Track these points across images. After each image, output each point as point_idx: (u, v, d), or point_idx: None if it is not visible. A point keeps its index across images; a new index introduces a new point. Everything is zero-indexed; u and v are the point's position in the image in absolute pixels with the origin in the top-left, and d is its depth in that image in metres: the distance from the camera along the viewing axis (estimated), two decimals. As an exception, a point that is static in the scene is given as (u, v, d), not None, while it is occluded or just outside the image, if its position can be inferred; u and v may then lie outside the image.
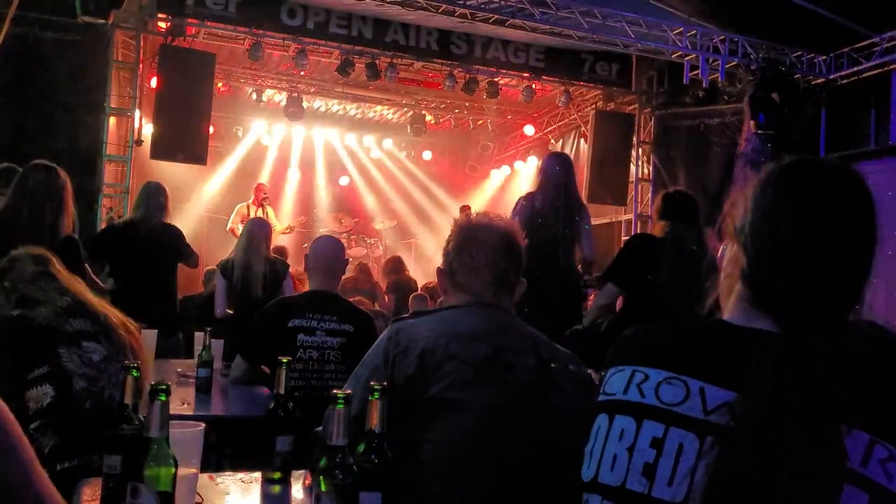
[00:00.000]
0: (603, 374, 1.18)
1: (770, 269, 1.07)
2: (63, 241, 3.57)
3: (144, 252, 4.64)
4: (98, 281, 4.99)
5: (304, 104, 10.06)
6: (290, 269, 5.03)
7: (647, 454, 1.02)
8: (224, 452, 2.63)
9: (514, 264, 1.90)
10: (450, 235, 1.96)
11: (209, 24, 7.64)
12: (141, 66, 7.62)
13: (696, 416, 1.00)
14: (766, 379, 0.96)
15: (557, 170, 4.61)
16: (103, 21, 6.14)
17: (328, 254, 3.35)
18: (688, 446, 0.99)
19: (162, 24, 7.65)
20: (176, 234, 4.89)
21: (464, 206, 9.69)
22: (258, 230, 4.90)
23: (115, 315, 2.15)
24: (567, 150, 10.57)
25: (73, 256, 3.65)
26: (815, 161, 1.13)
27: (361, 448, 1.31)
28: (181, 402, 2.84)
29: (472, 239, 1.90)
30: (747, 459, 0.93)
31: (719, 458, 0.96)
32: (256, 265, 4.66)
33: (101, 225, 6.63)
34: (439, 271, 1.96)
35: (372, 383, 1.34)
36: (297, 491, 1.79)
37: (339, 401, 1.28)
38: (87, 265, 4.62)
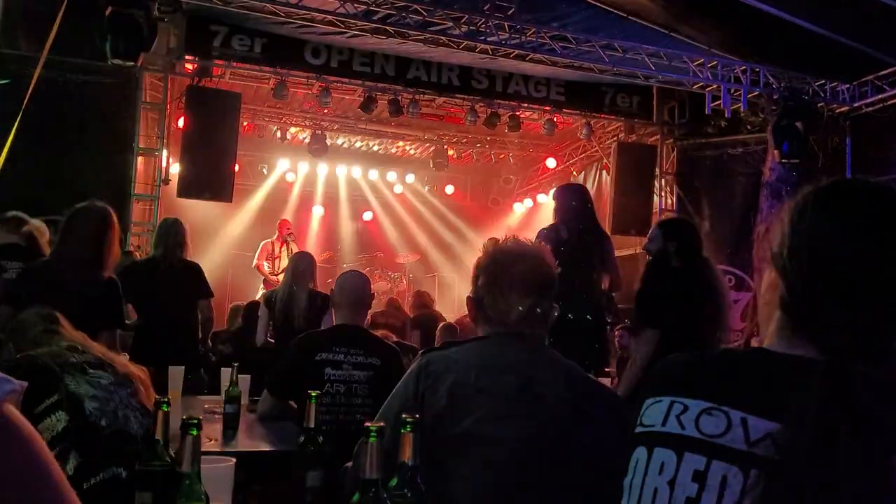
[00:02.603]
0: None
1: (811, 295, 1.04)
2: (105, 283, 3.58)
3: (165, 289, 4.63)
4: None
5: (328, 141, 10.18)
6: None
7: (688, 488, 0.99)
8: (251, 489, 2.60)
9: (546, 291, 1.86)
10: (479, 263, 1.92)
11: (235, 64, 7.80)
12: (168, 106, 7.77)
13: (739, 448, 0.97)
14: (811, 409, 0.93)
15: (578, 201, 4.60)
16: (132, 64, 6.26)
17: (355, 288, 3.35)
18: (731, 479, 0.96)
19: (189, 66, 7.83)
20: (196, 270, 4.87)
21: (491, 239, 9.66)
22: (303, 263, 4.94)
23: (119, 360, 2.16)
24: (589, 182, 10.57)
25: (116, 297, 3.67)
26: (854, 182, 1.11)
27: (394, 482, 1.28)
28: (207, 438, 2.82)
29: (504, 271, 1.86)
30: (797, 493, 0.90)
31: (766, 491, 0.92)
32: (299, 297, 4.69)
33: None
34: (469, 300, 1.93)
35: (404, 416, 1.32)
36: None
37: (372, 434, 1.26)
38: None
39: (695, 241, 3.77)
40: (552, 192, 11.41)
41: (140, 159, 7.42)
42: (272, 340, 4.81)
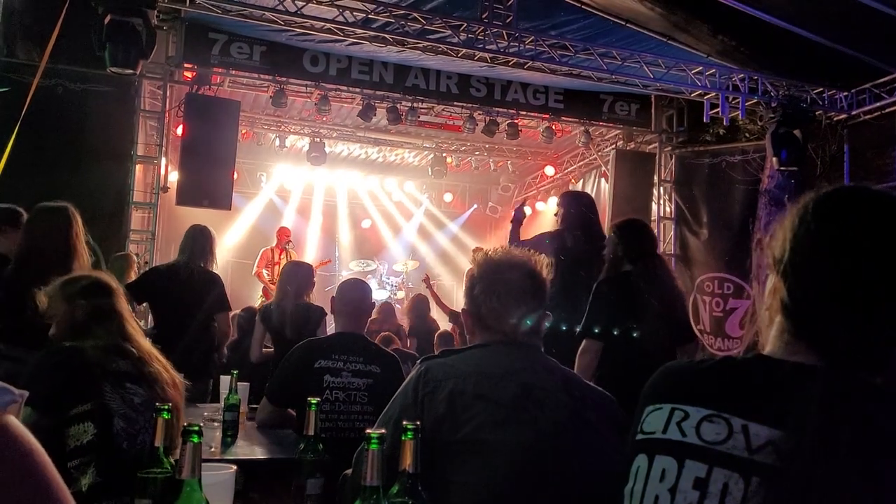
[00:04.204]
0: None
1: (811, 301, 1.04)
2: None
3: (182, 297, 4.60)
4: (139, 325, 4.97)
5: (327, 149, 10.18)
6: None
7: (690, 495, 0.99)
8: (250, 496, 2.59)
9: (540, 300, 1.89)
10: (473, 273, 1.94)
11: (234, 72, 7.81)
12: (167, 114, 7.77)
13: (741, 455, 0.97)
14: (812, 415, 0.93)
15: (582, 208, 4.58)
16: (131, 72, 6.27)
17: (354, 296, 3.35)
18: (732, 487, 0.96)
19: (188, 74, 7.84)
20: (216, 282, 4.80)
21: (476, 249, 9.67)
22: (293, 272, 4.93)
23: (167, 371, 2.15)
24: (588, 190, 10.57)
25: None
26: (855, 188, 1.11)
27: (395, 489, 1.28)
28: (207, 445, 2.82)
29: (498, 279, 1.88)
30: (798, 500, 0.89)
31: (768, 499, 0.92)
32: (289, 307, 4.67)
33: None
34: (465, 313, 1.94)
35: (405, 423, 1.32)
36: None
37: (373, 441, 1.26)
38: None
39: (642, 241, 3.68)
40: (550, 198, 11.44)
41: (139, 167, 7.43)
42: (269, 349, 4.80)
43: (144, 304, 5.06)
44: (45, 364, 1.96)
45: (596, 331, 3.54)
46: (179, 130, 7.94)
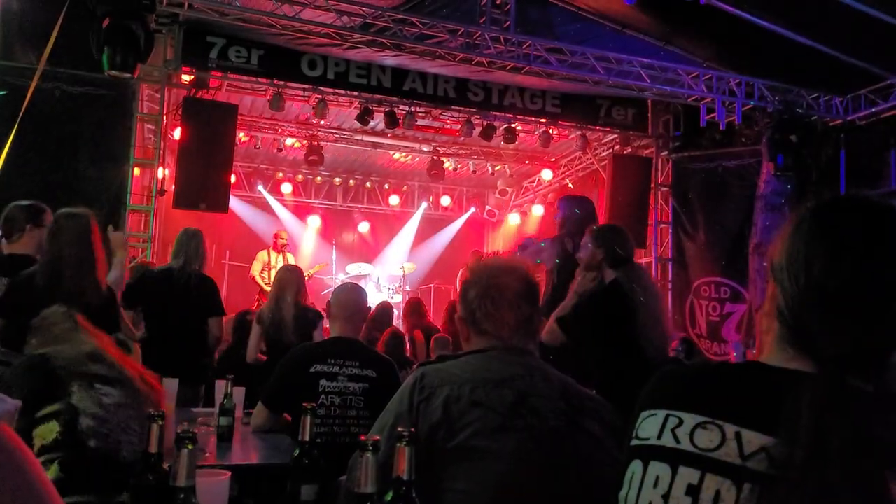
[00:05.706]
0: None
1: (806, 309, 1.05)
2: (106, 292, 3.52)
3: (177, 301, 4.59)
4: (133, 330, 4.98)
5: (324, 152, 10.18)
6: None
7: (682, 502, 0.99)
8: (244, 503, 2.59)
9: (535, 306, 1.89)
10: (467, 282, 1.94)
11: (232, 76, 7.81)
12: (165, 117, 7.77)
13: (733, 462, 0.97)
14: (804, 423, 0.94)
15: (581, 212, 4.58)
16: (129, 75, 6.27)
17: (350, 300, 3.35)
18: (725, 494, 0.96)
19: (186, 77, 7.84)
20: (210, 286, 4.81)
21: (475, 251, 9.69)
22: (287, 276, 4.93)
23: (132, 367, 2.15)
24: (584, 194, 10.56)
25: (114, 308, 3.63)
26: (850, 198, 1.12)
27: (389, 496, 1.28)
28: (201, 451, 2.81)
29: (493, 285, 1.88)
30: None
31: None
32: (286, 311, 4.67)
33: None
34: (460, 320, 1.94)
35: (399, 429, 1.32)
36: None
37: (368, 447, 1.26)
38: (123, 313, 4.60)
39: (623, 246, 3.63)
40: (547, 202, 11.44)
41: (136, 170, 7.42)
42: (264, 357, 4.79)
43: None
44: (17, 371, 1.97)
45: (599, 338, 3.51)
46: (177, 134, 7.94)
